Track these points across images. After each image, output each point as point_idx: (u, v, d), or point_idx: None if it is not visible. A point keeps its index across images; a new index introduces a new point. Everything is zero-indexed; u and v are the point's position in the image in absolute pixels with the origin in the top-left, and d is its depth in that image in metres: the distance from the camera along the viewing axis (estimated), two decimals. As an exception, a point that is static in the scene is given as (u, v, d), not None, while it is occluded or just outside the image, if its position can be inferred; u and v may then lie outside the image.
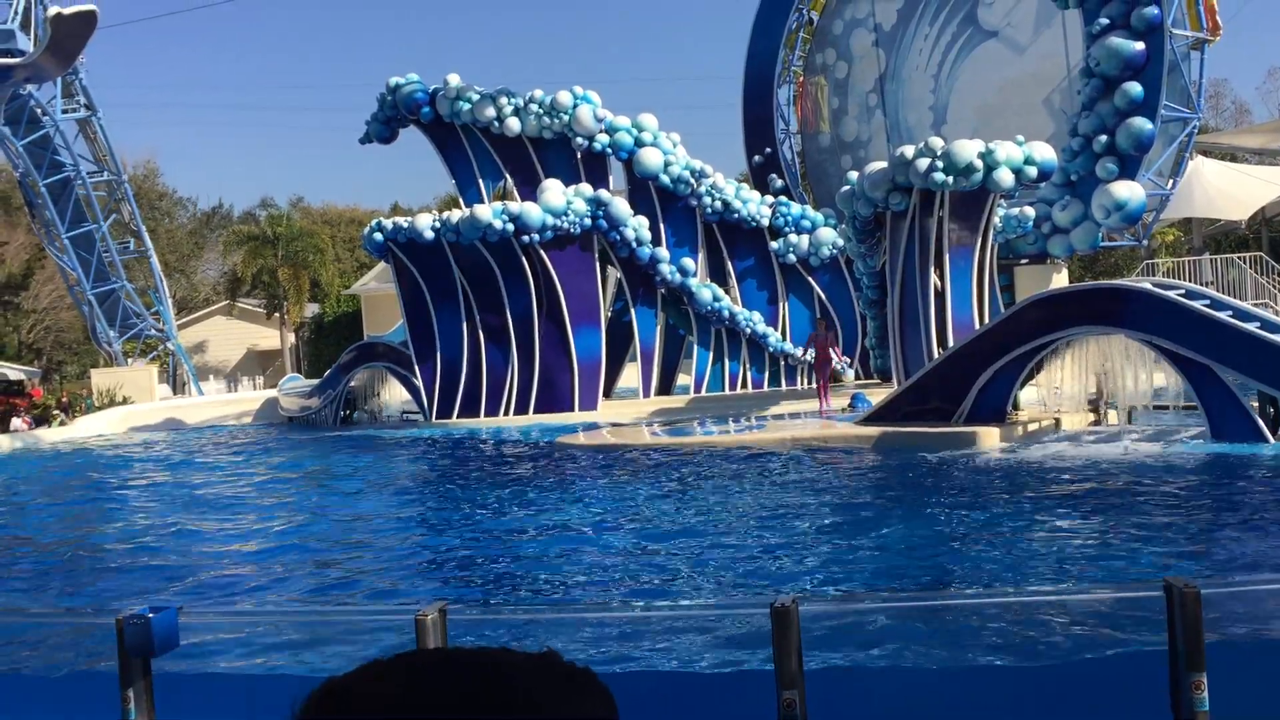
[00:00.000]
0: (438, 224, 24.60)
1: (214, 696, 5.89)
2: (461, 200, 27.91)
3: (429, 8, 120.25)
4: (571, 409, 24.60)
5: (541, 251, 24.34)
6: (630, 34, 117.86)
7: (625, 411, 24.56)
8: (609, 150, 26.69)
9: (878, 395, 20.09)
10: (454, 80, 27.50)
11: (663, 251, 25.79)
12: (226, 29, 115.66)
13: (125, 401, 34.48)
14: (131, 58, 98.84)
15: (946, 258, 18.78)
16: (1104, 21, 22.96)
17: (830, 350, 22.27)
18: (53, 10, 31.22)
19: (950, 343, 18.18)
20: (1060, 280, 25.50)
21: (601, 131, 26.65)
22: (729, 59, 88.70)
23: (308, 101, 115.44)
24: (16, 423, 30.80)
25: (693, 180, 26.46)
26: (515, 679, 0.96)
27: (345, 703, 0.95)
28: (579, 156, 26.86)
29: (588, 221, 24.59)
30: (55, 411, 32.50)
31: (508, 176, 27.68)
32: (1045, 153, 19.35)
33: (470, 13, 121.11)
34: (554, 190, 24.65)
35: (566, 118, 26.58)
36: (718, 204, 26.47)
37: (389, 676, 0.96)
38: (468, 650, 0.99)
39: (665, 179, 26.34)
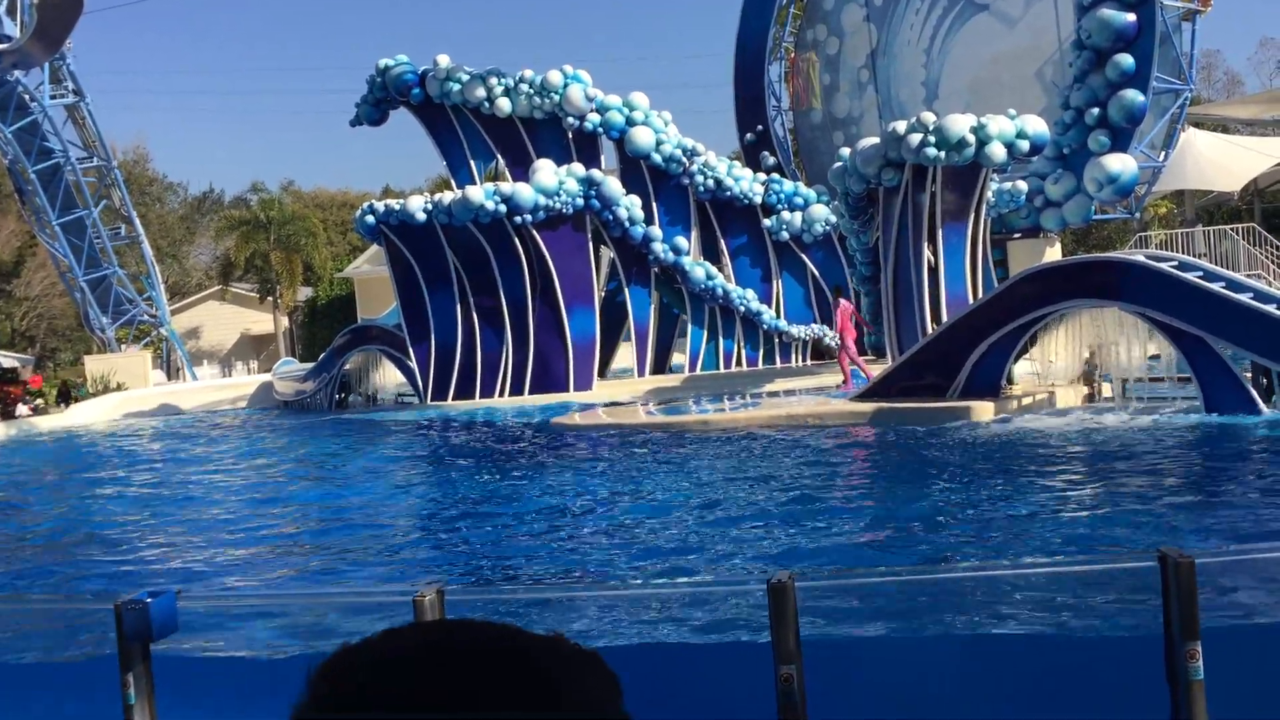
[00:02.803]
0: (429, 206, 24.53)
1: (213, 679, 5.91)
2: (453, 182, 27.83)
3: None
4: (566, 389, 24.61)
5: (534, 232, 24.29)
6: (618, 12, 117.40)
7: (620, 391, 24.57)
8: (600, 130, 26.62)
9: (872, 371, 20.12)
10: (444, 61, 27.37)
11: (656, 230, 25.75)
12: (214, 12, 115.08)
13: (120, 388, 34.44)
14: (119, 43, 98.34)
15: (940, 233, 18.76)
16: (1095, -7, 22.91)
17: (850, 322, 21.04)
18: (38, -5, 31.01)
19: (944, 318, 18.19)
20: (1053, 254, 25.50)
21: (592, 111, 26.56)
22: (719, 36, 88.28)
23: (297, 85, 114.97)
24: (22, 409, 30.80)
25: (685, 159, 26.40)
26: (528, 659, 0.96)
27: (362, 673, 0.95)
28: (570, 136, 26.78)
29: (580, 201, 24.54)
30: (38, 400, 32.41)
31: (499, 157, 27.60)
32: (1037, 126, 19.31)
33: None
34: (546, 170, 24.59)
35: (557, 97, 26.49)
36: (710, 182, 26.43)
37: (404, 646, 0.96)
38: (482, 624, 0.99)
39: (657, 158, 26.29)
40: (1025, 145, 18.96)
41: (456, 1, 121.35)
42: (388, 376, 28.17)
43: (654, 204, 26.30)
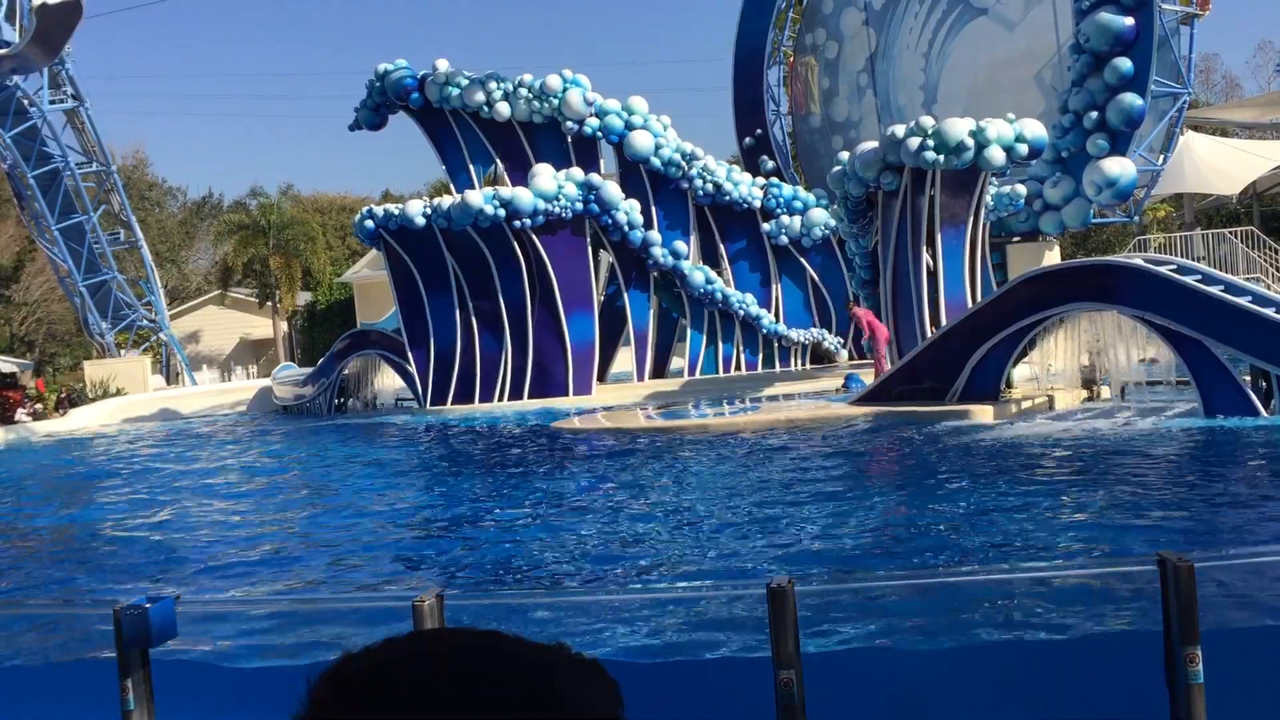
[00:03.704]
0: (429, 210, 24.55)
1: (211, 686, 5.90)
2: (452, 186, 27.84)
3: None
4: (566, 394, 24.61)
5: (533, 236, 24.30)
6: (617, 17, 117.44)
7: (620, 395, 24.57)
8: (599, 134, 26.63)
9: (870, 376, 20.13)
10: (443, 65, 27.39)
11: (655, 235, 25.76)
12: (212, 16, 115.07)
13: (119, 393, 34.43)
14: (119, 48, 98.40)
15: (938, 237, 18.77)
16: (1093, -3, 22.93)
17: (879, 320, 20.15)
18: (38, 0, 31.04)
19: (943, 322, 18.19)
20: (1052, 257, 25.51)
21: (591, 115, 26.57)
22: (718, 40, 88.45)
23: (296, 89, 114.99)
24: (21, 414, 30.81)
25: (684, 163, 26.41)
26: (530, 667, 0.96)
27: (363, 681, 0.95)
28: (569, 140, 26.79)
29: (579, 206, 24.55)
30: (38, 404, 32.39)
31: (498, 161, 27.60)
32: (1036, 130, 19.32)
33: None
34: (545, 175, 24.60)
35: (556, 101, 26.51)
36: (709, 186, 26.44)
37: (406, 654, 0.96)
38: (483, 632, 0.99)
39: (656, 162, 26.29)
40: (1024, 149, 18.98)
41: (456, 5, 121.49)
42: (387, 381, 28.18)
43: (653, 208, 26.31)
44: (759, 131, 32.11)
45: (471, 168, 27.73)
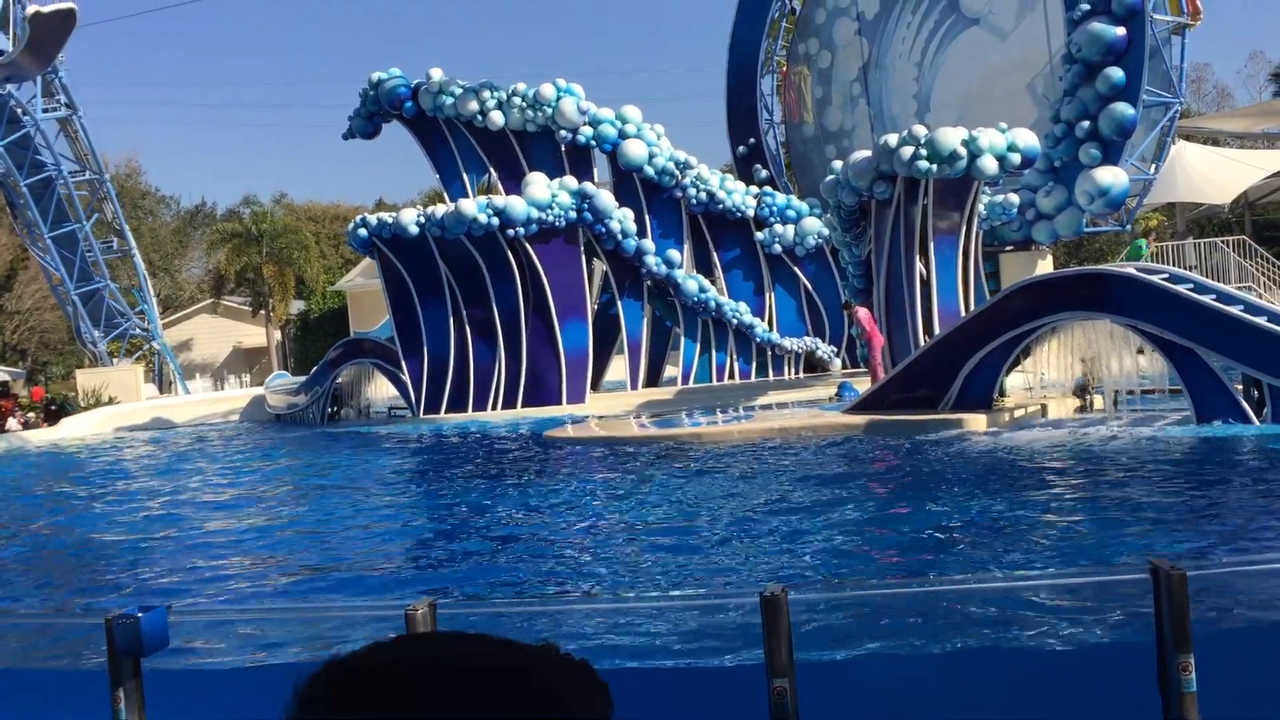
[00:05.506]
0: (422, 219, 24.53)
1: (204, 695, 5.89)
2: (446, 194, 27.85)
3: (409, 1, 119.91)
4: (559, 402, 24.59)
5: (527, 245, 24.30)
6: (611, 26, 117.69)
7: (613, 404, 24.56)
8: (593, 143, 26.66)
9: (865, 384, 20.13)
10: (436, 74, 27.42)
11: (648, 243, 25.77)
12: (207, 25, 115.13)
13: (111, 401, 34.35)
14: (112, 56, 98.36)
15: (931, 245, 18.80)
16: (1085, 7, 23.00)
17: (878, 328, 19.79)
18: (31, 9, 31.06)
19: (936, 330, 18.21)
20: (1045, 266, 25.56)
21: (585, 124, 26.60)
22: (711, 49, 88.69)
23: (290, 98, 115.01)
24: (12, 423, 30.75)
25: (677, 171, 26.45)
26: (519, 668, 0.96)
27: (350, 684, 0.94)
28: (563, 149, 26.82)
29: (573, 214, 24.56)
30: (29, 414, 32.34)
31: (492, 170, 27.62)
32: (1028, 139, 19.37)
33: (451, 7, 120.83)
34: (538, 183, 24.62)
35: (550, 110, 26.54)
36: (703, 195, 26.48)
37: (394, 657, 0.96)
38: (471, 635, 0.99)
39: (650, 171, 26.33)
40: (1016, 158, 19.02)
41: (450, 14, 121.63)
42: (380, 390, 28.15)
43: (647, 217, 26.33)
44: (752, 140, 32.16)
45: (465, 176, 27.76)
